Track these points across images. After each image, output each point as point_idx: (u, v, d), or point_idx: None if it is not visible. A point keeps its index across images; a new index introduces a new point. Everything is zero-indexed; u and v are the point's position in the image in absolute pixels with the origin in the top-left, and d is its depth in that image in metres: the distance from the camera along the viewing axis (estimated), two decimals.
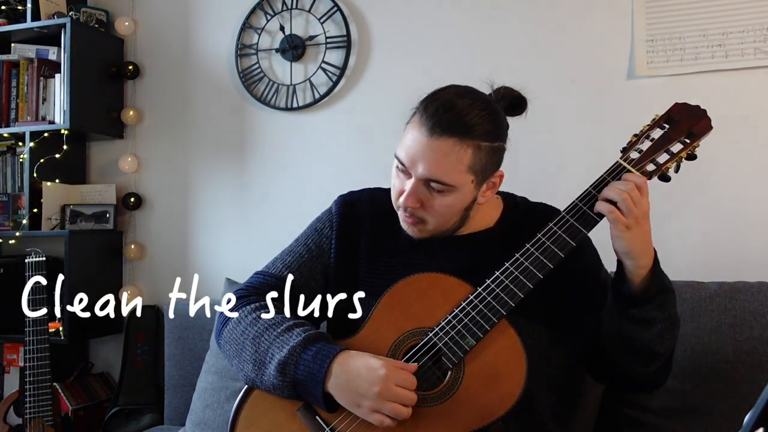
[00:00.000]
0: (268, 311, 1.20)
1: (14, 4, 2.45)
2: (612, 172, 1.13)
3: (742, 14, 1.79)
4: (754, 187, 1.80)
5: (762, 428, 0.55)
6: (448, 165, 1.12)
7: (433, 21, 2.13)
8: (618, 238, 1.08)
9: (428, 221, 1.19)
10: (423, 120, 1.13)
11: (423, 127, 1.12)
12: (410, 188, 1.15)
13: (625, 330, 1.13)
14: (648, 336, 1.13)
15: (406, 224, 1.22)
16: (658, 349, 1.15)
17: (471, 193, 1.17)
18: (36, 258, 2.05)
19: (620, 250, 1.10)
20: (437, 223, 1.19)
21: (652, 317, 1.11)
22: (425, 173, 1.13)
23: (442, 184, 1.13)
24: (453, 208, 1.17)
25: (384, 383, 1.04)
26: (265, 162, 2.33)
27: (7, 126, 2.40)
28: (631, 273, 1.10)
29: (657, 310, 1.11)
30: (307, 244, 1.32)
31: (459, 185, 1.14)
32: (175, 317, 2.08)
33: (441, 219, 1.19)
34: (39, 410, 2.00)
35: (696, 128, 1.13)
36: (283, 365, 1.10)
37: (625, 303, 1.12)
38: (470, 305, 1.11)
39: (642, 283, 1.11)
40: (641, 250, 1.09)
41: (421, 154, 1.13)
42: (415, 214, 1.19)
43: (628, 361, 1.18)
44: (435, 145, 1.11)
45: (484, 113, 1.13)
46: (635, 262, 1.09)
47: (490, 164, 1.16)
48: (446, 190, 1.14)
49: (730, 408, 1.45)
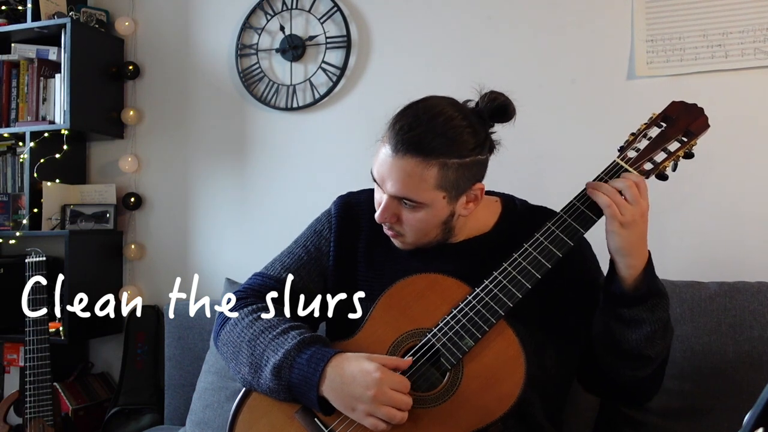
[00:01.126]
0: (265, 313, 1.20)
1: (14, 4, 2.45)
2: (609, 172, 1.13)
3: (742, 14, 1.79)
4: (755, 187, 1.80)
5: (762, 428, 0.55)
6: (413, 184, 1.11)
7: (433, 21, 2.13)
8: (612, 233, 1.08)
9: (406, 235, 1.19)
10: (389, 137, 1.12)
11: (389, 144, 1.12)
12: (383, 204, 1.16)
13: (614, 330, 1.12)
14: (635, 337, 1.12)
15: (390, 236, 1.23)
16: (646, 352, 1.13)
17: (444, 209, 1.16)
18: (36, 258, 2.05)
19: (612, 247, 1.09)
20: (415, 237, 1.19)
21: (640, 318, 1.10)
22: (393, 191, 1.13)
23: (412, 201, 1.13)
24: (428, 223, 1.17)
25: (379, 387, 1.03)
26: (265, 162, 2.33)
27: (7, 126, 2.41)
28: (623, 271, 1.10)
29: (647, 311, 1.10)
30: (306, 245, 1.32)
31: (428, 202, 1.13)
32: (175, 317, 2.08)
33: (418, 233, 1.18)
34: (39, 410, 2.00)
35: (693, 126, 1.13)
36: (278, 369, 1.10)
37: (615, 302, 1.11)
38: (468, 306, 1.10)
39: (633, 282, 1.10)
40: (634, 249, 1.08)
41: (388, 172, 1.12)
42: (393, 228, 1.19)
43: (616, 363, 1.17)
44: (400, 164, 1.10)
45: (451, 130, 1.10)
46: (627, 261, 1.08)
47: (463, 179, 1.13)
48: (417, 207, 1.14)
49: (730, 408, 1.45)
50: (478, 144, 1.13)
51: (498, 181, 1.37)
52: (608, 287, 1.13)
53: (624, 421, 1.56)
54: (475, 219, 1.25)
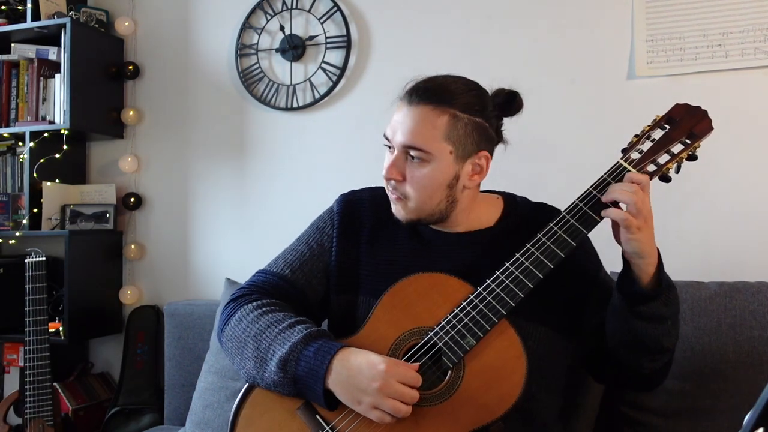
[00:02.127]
0: (269, 309, 1.20)
1: (14, 4, 2.45)
2: (613, 173, 1.13)
3: (742, 14, 1.79)
4: (755, 187, 1.80)
5: (762, 428, 0.55)
6: (424, 131, 1.15)
7: (433, 21, 2.13)
8: (631, 240, 1.07)
9: (410, 196, 1.19)
10: (404, 94, 1.19)
11: (404, 99, 1.19)
12: (391, 159, 1.19)
13: (637, 328, 1.12)
14: (658, 332, 1.12)
15: (393, 204, 1.24)
16: (666, 344, 1.15)
17: (451, 167, 1.17)
18: (36, 258, 2.05)
19: (632, 252, 1.08)
20: (419, 200, 1.19)
21: (662, 313, 1.11)
22: (402, 140, 1.16)
23: (419, 150, 1.15)
24: (433, 181, 1.17)
25: (385, 379, 1.04)
26: (265, 162, 2.33)
27: (7, 126, 2.40)
28: (641, 271, 1.09)
29: (665, 306, 1.11)
30: (309, 242, 1.32)
31: (436, 153, 1.15)
32: (175, 317, 2.08)
33: (422, 194, 1.18)
34: (39, 410, 2.00)
35: (697, 129, 1.13)
36: (284, 361, 1.10)
37: (636, 302, 1.11)
38: (470, 305, 1.11)
39: (651, 280, 1.10)
40: (649, 248, 1.08)
41: (399, 123, 1.18)
42: (397, 188, 1.20)
43: (637, 358, 1.17)
44: (412, 112, 1.16)
45: (464, 87, 1.18)
46: (645, 261, 1.08)
47: (471, 139, 1.17)
48: (424, 159, 1.16)
49: (730, 408, 1.46)
50: (491, 111, 1.19)
51: (499, 180, 1.38)
52: (626, 288, 1.12)
53: (624, 421, 1.56)
54: (478, 214, 1.26)
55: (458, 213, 1.24)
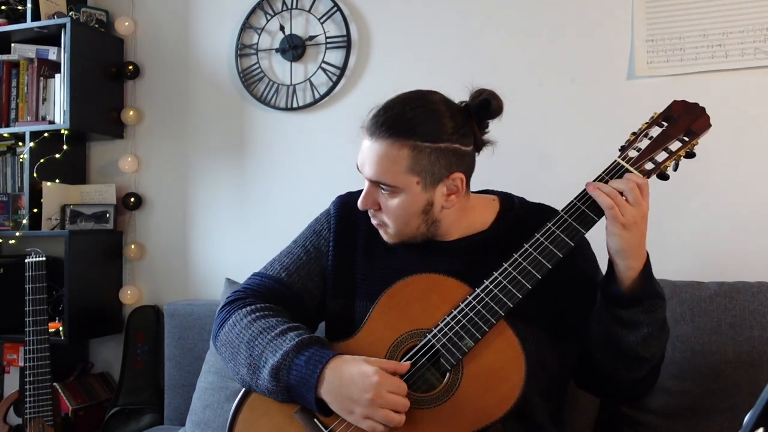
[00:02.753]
0: (263, 314, 1.20)
1: (14, 4, 2.45)
2: (611, 172, 1.13)
3: (742, 14, 1.79)
4: (755, 187, 1.80)
5: (762, 428, 0.55)
6: (386, 166, 1.14)
7: (433, 21, 2.13)
8: (613, 235, 1.07)
9: (388, 224, 1.20)
10: (367, 124, 1.17)
11: (366, 130, 1.17)
12: (365, 191, 1.19)
13: (611, 331, 1.12)
14: (633, 339, 1.12)
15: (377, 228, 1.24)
16: (642, 353, 1.13)
17: (420, 196, 1.15)
18: (36, 258, 2.05)
19: (613, 248, 1.09)
20: (397, 227, 1.20)
21: (638, 320, 1.10)
22: (369, 175, 1.17)
23: (386, 185, 1.15)
24: (405, 211, 1.17)
25: (376, 390, 1.03)
26: (265, 162, 2.33)
27: (7, 126, 2.40)
28: (621, 273, 1.09)
29: (644, 313, 1.10)
30: (305, 245, 1.32)
31: (402, 186, 1.14)
32: (175, 317, 2.08)
33: (398, 222, 1.19)
34: (39, 410, 2.00)
35: (695, 126, 1.13)
36: (276, 370, 1.10)
37: (612, 303, 1.11)
38: (468, 306, 1.10)
39: (631, 284, 1.10)
40: (634, 250, 1.08)
41: (364, 157, 1.17)
42: (376, 216, 1.21)
43: (612, 363, 1.17)
44: (374, 147, 1.15)
45: (425, 114, 1.14)
46: (626, 263, 1.08)
47: (438, 166, 1.14)
48: (392, 192, 1.16)
49: (730, 408, 1.45)
50: (456, 131, 1.14)
51: (498, 181, 1.37)
52: (606, 288, 1.13)
53: (624, 421, 1.56)
54: (473, 217, 1.25)
55: (447, 227, 1.23)
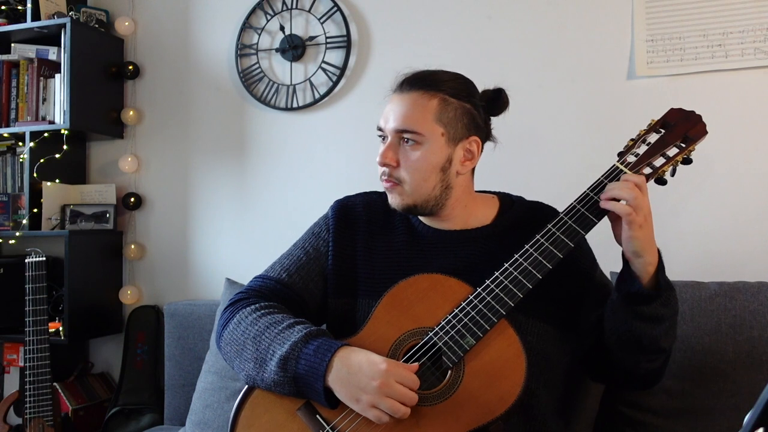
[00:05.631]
0: (268, 311, 1.21)
1: (14, 4, 2.45)
2: (609, 175, 1.15)
3: (742, 14, 1.79)
4: (755, 187, 1.80)
5: (762, 428, 0.55)
6: (416, 113, 1.20)
7: (433, 21, 2.13)
8: (632, 239, 1.08)
9: (405, 180, 1.21)
10: (395, 84, 1.26)
11: (395, 89, 1.26)
12: (385, 146, 1.23)
13: (635, 328, 1.13)
14: (656, 332, 1.13)
15: (389, 193, 1.26)
16: (663, 344, 1.16)
17: (443, 149, 1.21)
18: (36, 258, 2.05)
19: (633, 251, 1.09)
20: (414, 183, 1.21)
21: (660, 314, 1.12)
22: (395, 125, 1.21)
23: (413, 132, 1.19)
24: (427, 163, 1.20)
25: (384, 378, 1.04)
26: (265, 162, 2.33)
27: (7, 126, 2.40)
28: (641, 271, 1.11)
29: (664, 306, 1.12)
30: (305, 247, 1.33)
31: (428, 135, 1.19)
32: (175, 317, 2.08)
33: (417, 176, 1.21)
34: (39, 410, 2.00)
35: (691, 133, 1.15)
36: (284, 360, 1.11)
37: (635, 301, 1.12)
38: (470, 305, 1.11)
39: (650, 280, 1.11)
40: (650, 246, 1.10)
41: (392, 110, 1.23)
42: (392, 174, 1.22)
43: (635, 358, 1.18)
44: (404, 98, 1.23)
45: (452, 75, 1.25)
46: (645, 260, 1.10)
47: (461, 123, 1.21)
48: (417, 141, 1.20)
49: (730, 408, 1.46)
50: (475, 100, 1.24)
51: (497, 179, 1.38)
52: (625, 288, 1.13)
53: (624, 421, 1.56)
54: (475, 211, 1.28)
55: (453, 204, 1.26)
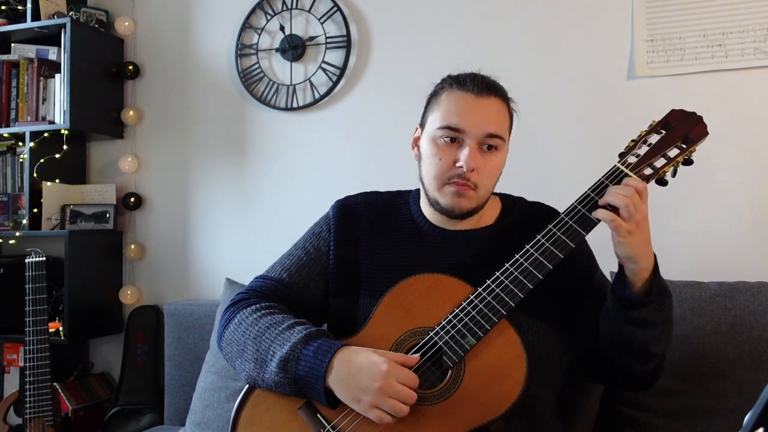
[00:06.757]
0: (268, 312, 1.21)
1: (14, 4, 2.45)
2: (610, 176, 1.15)
3: (742, 14, 1.79)
4: (754, 187, 1.80)
5: (762, 428, 0.55)
6: (501, 120, 1.22)
7: (433, 21, 2.13)
8: (621, 243, 1.09)
9: (480, 186, 1.22)
10: (464, 87, 1.21)
11: (468, 92, 1.20)
12: (471, 150, 1.18)
13: (626, 331, 1.14)
14: (647, 337, 1.14)
15: (457, 195, 1.21)
16: (653, 350, 1.17)
17: (505, 158, 1.25)
18: (36, 258, 2.05)
19: (623, 255, 1.10)
20: (487, 188, 1.24)
21: (652, 320, 1.13)
22: (487, 129, 1.19)
23: (499, 138, 1.21)
24: (500, 170, 1.25)
25: (385, 379, 1.04)
26: (265, 162, 2.33)
27: (7, 126, 2.40)
28: (634, 276, 1.11)
29: (656, 312, 1.13)
30: (306, 247, 1.34)
31: (505, 142, 1.24)
32: (175, 317, 2.08)
33: (491, 182, 1.24)
34: (39, 410, 2.00)
35: (692, 134, 1.15)
36: (284, 361, 1.11)
37: (626, 305, 1.13)
38: (471, 305, 1.11)
39: (643, 285, 1.12)
40: (643, 253, 1.10)
41: (478, 113, 1.20)
42: (471, 179, 1.20)
43: (627, 360, 1.20)
44: (487, 102, 1.21)
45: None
46: (637, 266, 1.10)
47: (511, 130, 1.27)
48: (498, 147, 1.22)
49: (730, 408, 1.46)
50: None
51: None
52: (618, 292, 1.14)
53: (624, 421, 1.56)
54: (483, 214, 1.29)
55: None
